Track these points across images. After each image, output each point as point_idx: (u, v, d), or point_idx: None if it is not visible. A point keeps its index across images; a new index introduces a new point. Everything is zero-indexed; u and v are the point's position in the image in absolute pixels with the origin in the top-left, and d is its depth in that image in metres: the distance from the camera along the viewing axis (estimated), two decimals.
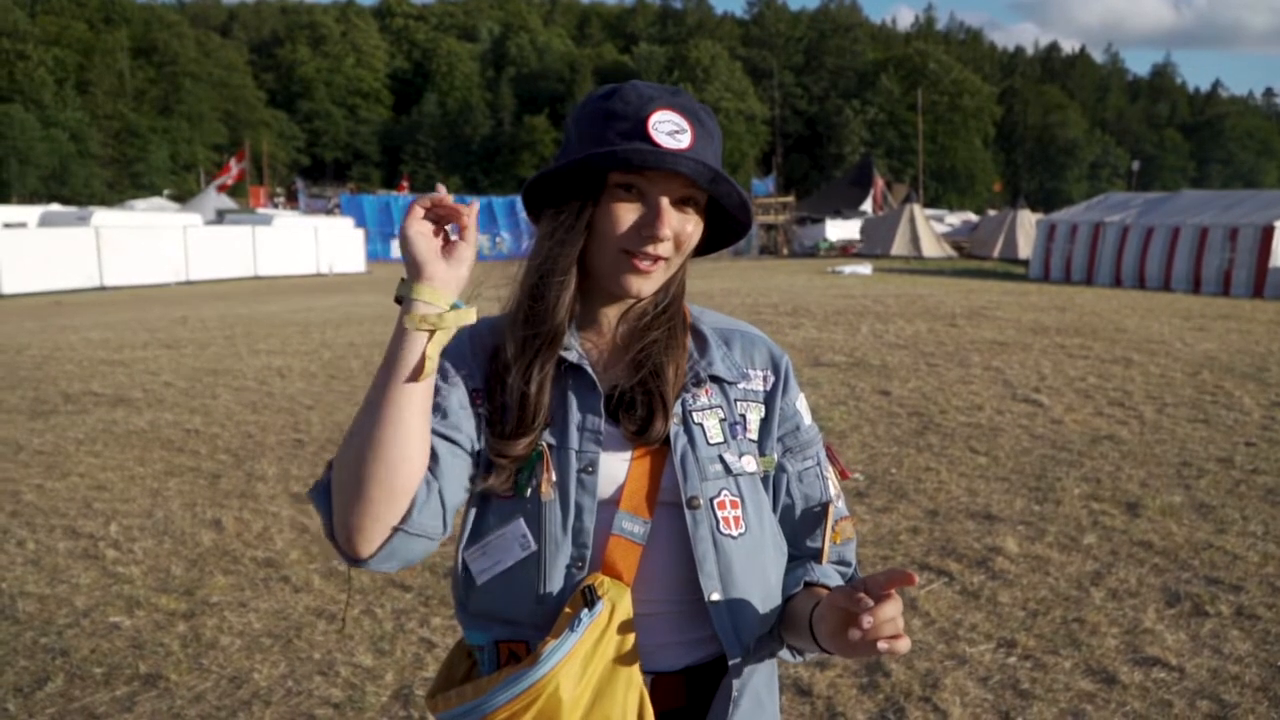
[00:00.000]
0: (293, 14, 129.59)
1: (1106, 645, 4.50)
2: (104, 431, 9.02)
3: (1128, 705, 3.98)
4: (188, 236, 32.79)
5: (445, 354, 1.54)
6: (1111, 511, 6.42)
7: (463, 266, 1.45)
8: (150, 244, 31.30)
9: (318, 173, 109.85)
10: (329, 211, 53.37)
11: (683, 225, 1.54)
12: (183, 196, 67.51)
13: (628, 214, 1.52)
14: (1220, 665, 4.30)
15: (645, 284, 1.56)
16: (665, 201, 1.51)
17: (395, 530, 1.44)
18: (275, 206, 61.17)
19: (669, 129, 1.50)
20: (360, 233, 41.14)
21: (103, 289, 28.92)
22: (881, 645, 1.33)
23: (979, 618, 4.83)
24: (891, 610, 1.34)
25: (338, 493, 1.43)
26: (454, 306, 1.44)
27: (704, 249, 1.67)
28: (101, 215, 33.11)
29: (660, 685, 1.55)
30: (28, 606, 5.08)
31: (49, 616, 4.96)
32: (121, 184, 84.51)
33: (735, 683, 1.54)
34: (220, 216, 41.56)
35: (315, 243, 37.89)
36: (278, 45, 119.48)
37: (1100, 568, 5.47)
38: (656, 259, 1.53)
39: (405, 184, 75.83)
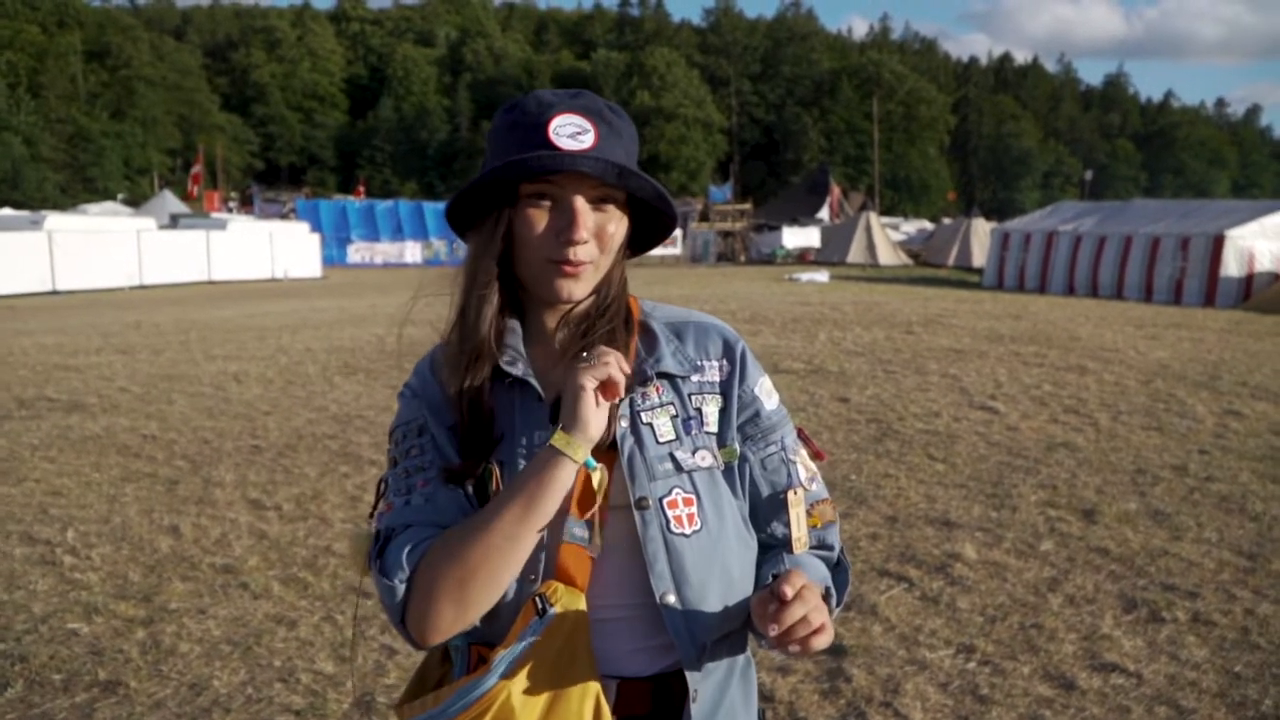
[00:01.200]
0: (247, 17, 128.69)
1: (1064, 651, 4.54)
2: (59, 437, 8.92)
3: (1086, 710, 4.02)
4: (141, 240, 32.45)
5: (424, 406, 1.62)
6: (1068, 518, 6.48)
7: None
8: (103, 248, 30.95)
9: (273, 177, 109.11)
10: (284, 216, 52.99)
11: (602, 224, 1.54)
12: (136, 200, 66.90)
13: (543, 221, 1.52)
14: (1177, 671, 4.35)
15: (575, 287, 1.54)
16: (579, 202, 1.50)
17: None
18: (230, 211, 60.67)
19: (570, 131, 1.50)
20: (316, 238, 40.84)
21: (55, 293, 28.57)
22: (792, 648, 1.36)
23: (938, 623, 4.86)
24: (798, 610, 1.36)
25: (430, 601, 1.46)
26: (590, 466, 1.48)
27: (640, 246, 1.67)
28: (54, 219, 32.67)
29: (625, 691, 1.54)
30: None
31: (6, 622, 4.89)
32: (74, 188, 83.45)
33: (695, 683, 1.53)
34: (174, 221, 41.22)
35: (270, 247, 37.58)
36: (232, 49, 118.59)
37: (1058, 574, 5.52)
38: (580, 262, 1.52)
39: (362, 189, 75.47)
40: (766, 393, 1.70)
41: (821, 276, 32.94)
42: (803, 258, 45.67)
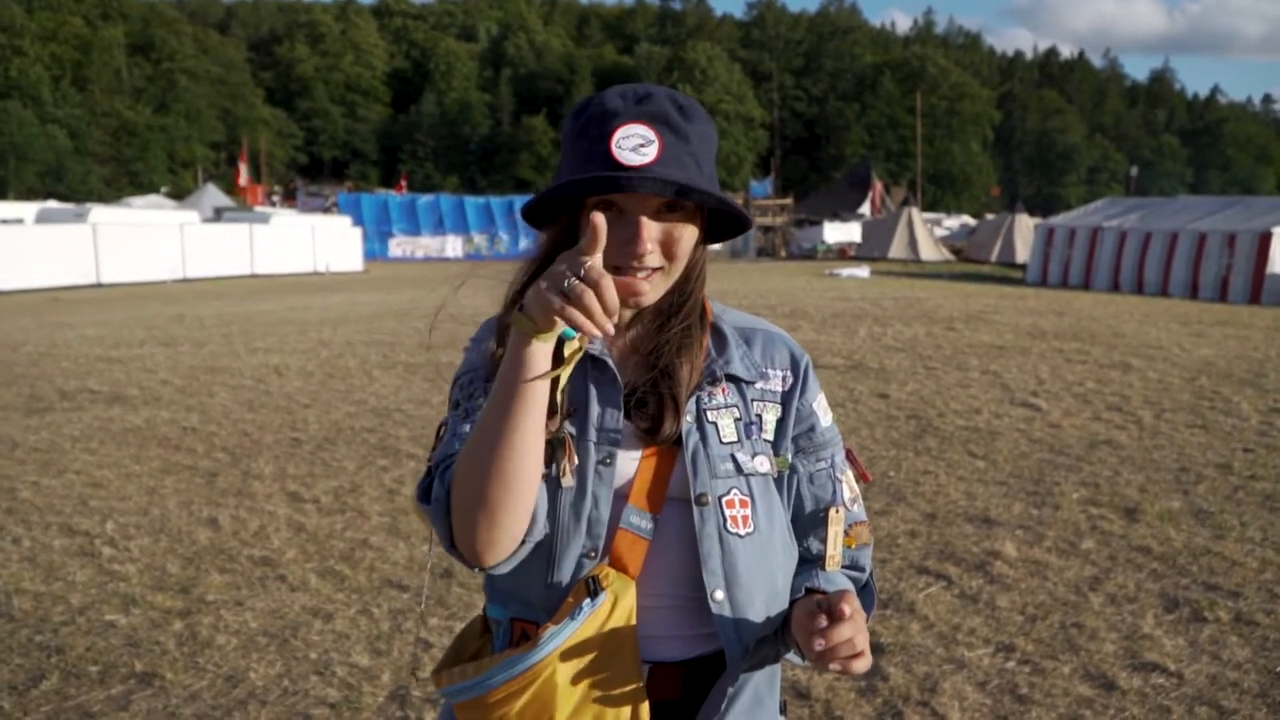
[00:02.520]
0: (291, 12, 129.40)
1: (1105, 650, 4.49)
2: (100, 429, 9.00)
3: (1126, 711, 3.97)
4: (185, 234, 32.76)
5: (471, 365, 1.63)
6: (1110, 516, 6.41)
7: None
8: (147, 241, 31.27)
9: (315, 171, 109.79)
10: (326, 210, 53.34)
11: (669, 233, 1.53)
12: (180, 194, 67.49)
13: (610, 231, 1.47)
14: (1219, 671, 4.29)
15: (643, 294, 1.55)
16: (643, 220, 1.50)
17: (522, 543, 1.47)
18: (273, 204, 61.14)
19: (633, 144, 1.48)
20: (358, 231, 41.12)
21: (99, 286, 28.88)
22: (833, 666, 1.39)
23: (977, 622, 4.82)
24: (847, 631, 1.38)
25: (464, 513, 1.44)
26: (566, 336, 1.41)
27: (718, 236, 1.67)
28: (98, 212, 33.07)
29: (657, 675, 1.56)
30: (23, 604, 5.06)
31: (44, 614, 4.94)
32: (119, 181, 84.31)
33: (731, 685, 1.55)
34: (218, 214, 41.55)
35: (312, 241, 37.87)
36: (276, 43, 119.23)
37: (1099, 573, 5.46)
38: (648, 270, 1.52)
39: (403, 183, 75.86)
40: (823, 409, 1.74)
41: (862, 272, 32.80)
42: (843, 253, 45.49)
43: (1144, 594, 5.17)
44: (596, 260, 1.33)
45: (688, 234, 1.56)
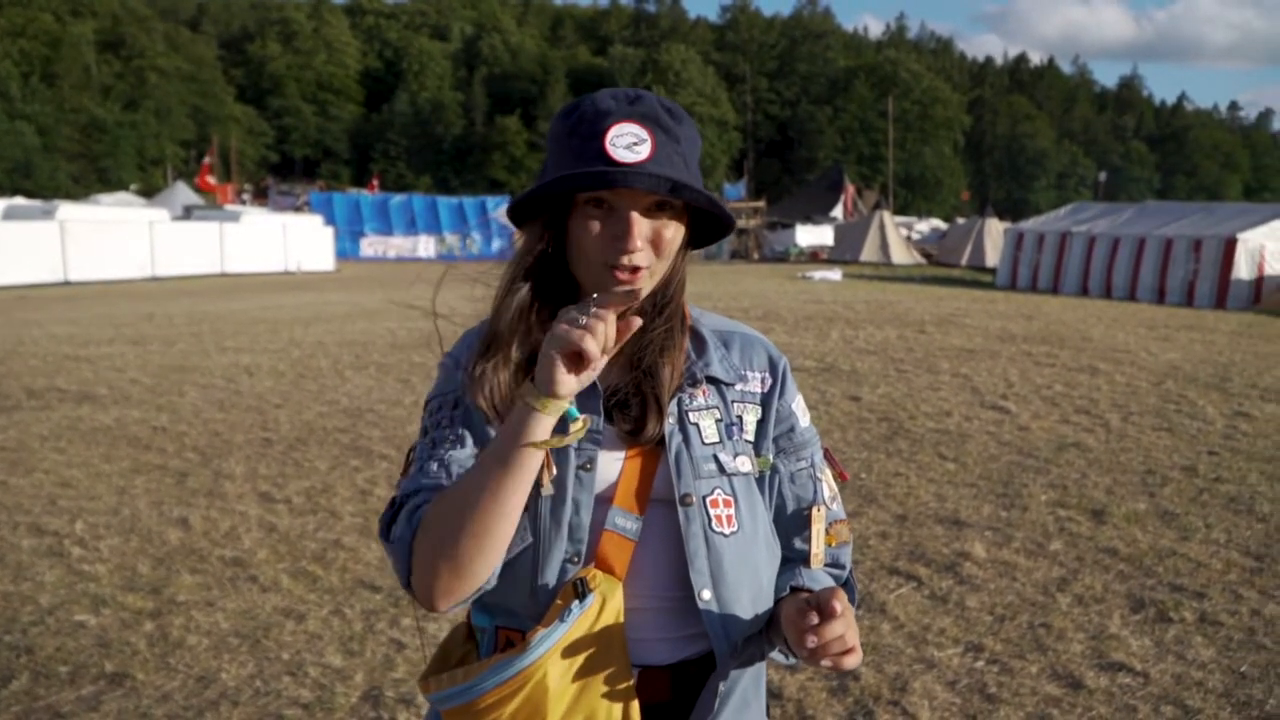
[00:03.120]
0: (263, 9, 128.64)
1: (1072, 650, 4.54)
2: (69, 428, 8.95)
3: (1093, 710, 4.02)
4: (154, 232, 32.55)
5: (441, 390, 1.64)
6: (1077, 518, 6.47)
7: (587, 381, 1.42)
8: (116, 239, 31.05)
9: (287, 170, 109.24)
10: (298, 209, 53.11)
11: (659, 230, 1.54)
12: (150, 192, 67.02)
13: (599, 227, 1.53)
14: (1184, 671, 4.34)
15: (638, 294, 1.54)
16: (635, 215, 1.51)
17: (478, 590, 1.49)
18: (243, 203, 60.80)
19: (627, 142, 1.50)
20: (329, 231, 40.97)
21: (67, 284, 28.67)
22: (825, 663, 1.40)
23: (947, 622, 4.86)
24: (839, 628, 1.39)
25: (430, 559, 1.44)
26: (571, 416, 1.42)
27: (699, 241, 1.68)
28: (67, 209, 32.83)
29: (646, 679, 1.56)
30: None
31: (13, 614, 4.91)
32: (88, 178, 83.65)
33: (722, 682, 1.56)
34: (188, 212, 41.29)
35: (283, 240, 37.71)
36: (248, 40, 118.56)
37: (1066, 574, 5.52)
38: (636, 268, 1.53)
39: (376, 182, 75.55)
40: (801, 410, 1.76)
41: (834, 275, 32.90)
42: (815, 256, 45.61)
43: (1111, 595, 5.22)
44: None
45: (676, 233, 1.57)
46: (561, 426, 1.41)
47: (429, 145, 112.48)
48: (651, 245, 1.54)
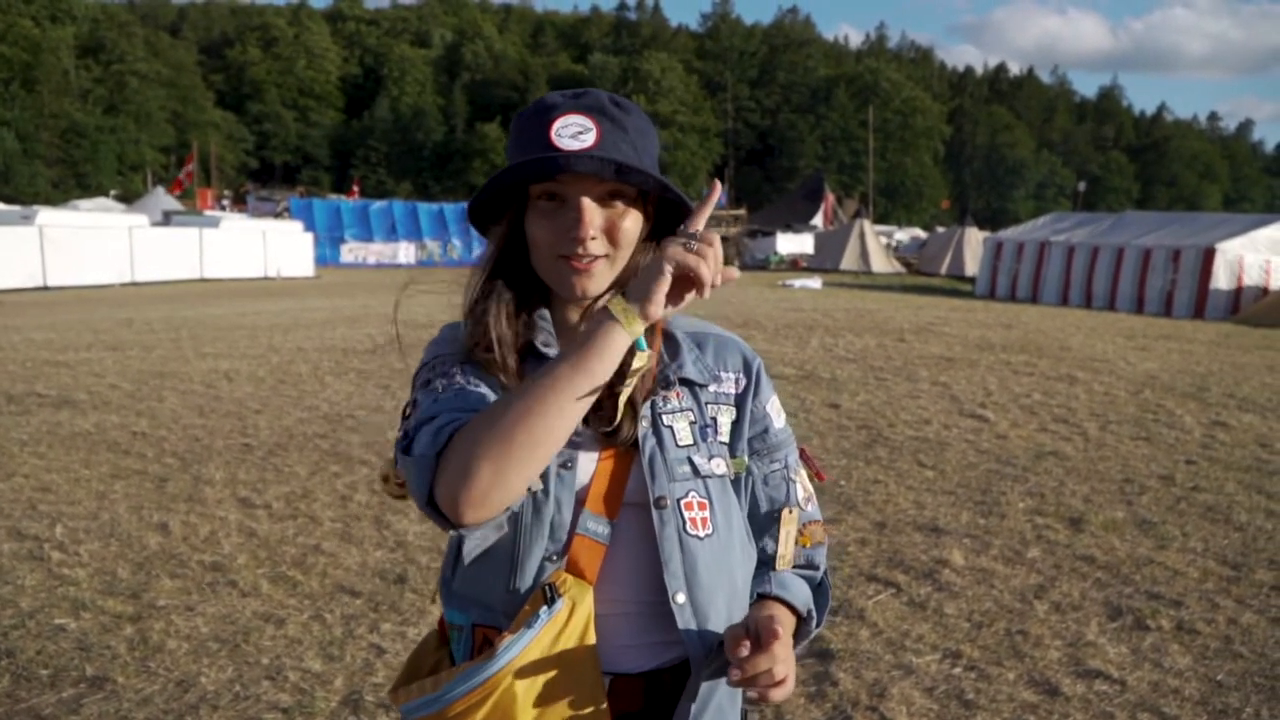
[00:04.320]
0: (243, 14, 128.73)
1: (1049, 657, 4.56)
2: (48, 433, 8.91)
3: (1070, 717, 4.04)
4: (133, 237, 32.38)
5: (438, 352, 1.63)
6: (1055, 526, 6.51)
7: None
8: (95, 244, 30.86)
9: (267, 175, 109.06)
10: (278, 215, 52.91)
11: (613, 220, 1.55)
12: (129, 197, 66.73)
13: (552, 220, 1.54)
14: (1161, 679, 4.37)
15: (589, 283, 1.56)
16: (585, 201, 1.52)
17: (507, 509, 1.45)
18: (223, 209, 60.58)
19: (571, 132, 1.52)
20: (309, 237, 40.81)
21: (46, 289, 28.50)
22: (750, 694, 1.40)
23: (925, 628, 4.88)
24: (764, 662, 1.39)
25: (466, 465, 1.38)
26: (640, 347, 1.43)
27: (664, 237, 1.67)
28: (45, 214, 32.59)
29: (618, 687, 1.55)
30: None
31: None
32: (67, 183, 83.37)
33: (702, 685, 1.55)
34: (167, 218, 41.10)
35: (263, 246, 37.56)
36: (228, 46, 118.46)
37: (1044, 581, 5.55)
38: (592, 257, 1.54)
39: (356, 189, 75.40)
40: (776, 411, 1.76)
41: (814, 283, 32.98)
42: (796, 264, 45.71)
43: (1088, 602, 5.25)
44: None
45: (634, 224, 1.58)
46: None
47: (410, 151, 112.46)
48: (607, 235, 1.55)
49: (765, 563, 1.71)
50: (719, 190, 1.46)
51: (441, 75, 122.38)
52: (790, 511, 1.71)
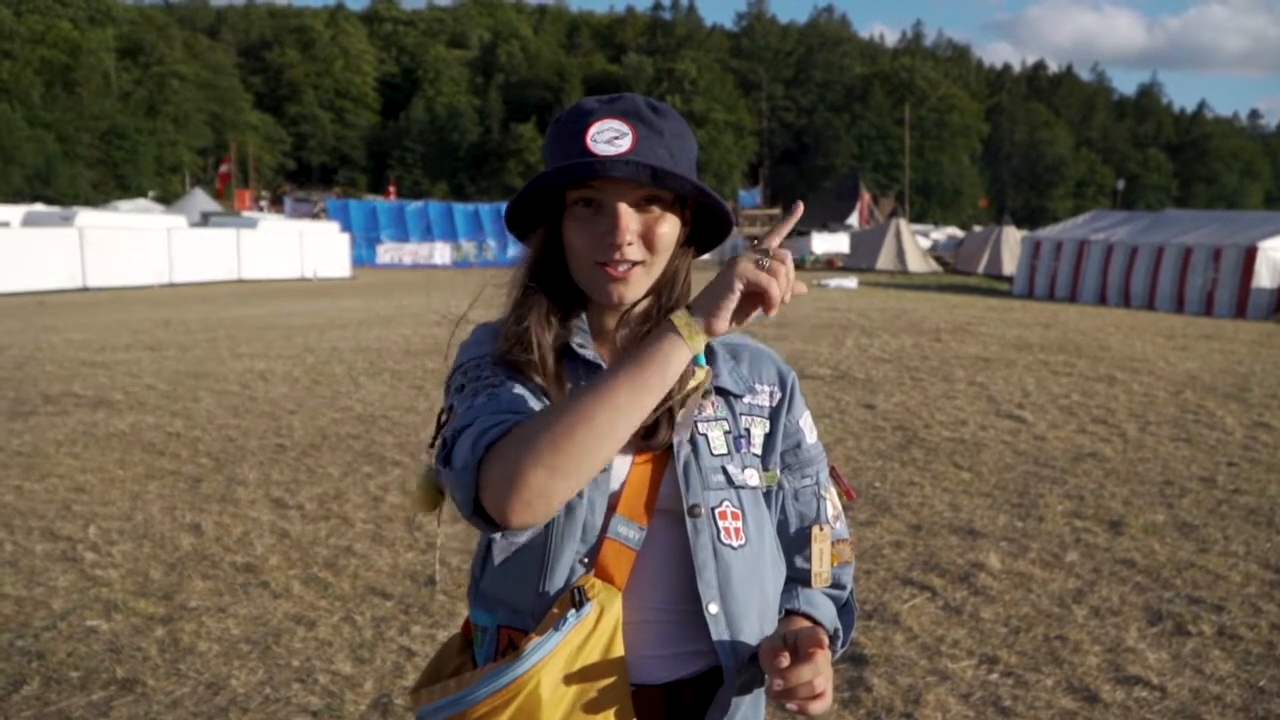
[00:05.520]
0: (281, 17, 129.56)
1: (1088, 663, 4.49)
2: (84, 433, 8.96)
3: None
4: (172, 238, 32.67)
5: (472, 355, 1.61)
6: (1094, 529, 6.42)
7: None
8: (134, 245, 31.14)
9: (304, 176, 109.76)
10: (314, 216, 53.23)
11: (650, 225, 1.53)
12: (168, 198, 67.35)
13: (589, 226, 1.52)
14: (1201, 685, 4.29)
15: (625, 289, 1.54)
16: (622, 207, 1.51)
17: (558, 507, 1.42)
18: (260, 210, 61.02)
19: (607, 137, 1.50)
20: (346, 238, 41.03)
21: (85, 290, 28.78)
22: (790, 706, 1.38)
23: (961, 634, 4.82)
24: (807, 673, 1.37)
25: (515, 469, 1.35)
26: (699, 362, 1.45)
27: (705, 243, 1.66)
28: (85, 216, 32.93)
29: (640, 698, 1.53)
30: (4, 609, 5.03)
31: (25, 619, 4.91)
32: (107, 185, 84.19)
33: (729, 694, 1.53)
34: (205, 219, 41.47)
35: (300, 247, 37.79)
36: (266, 48, 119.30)
37: (1083, 585, 5.47)
38: (629, 264, 1.53)
39: (392, 189, 75.75)
40: (809, 427, 1.74)
41: (850, 282, 32.85)
42: (831, 263, 45.58)
43: (1127, 607, 5.17)
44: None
45: (671, 228, 1.56)
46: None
47: (445, 152, 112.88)
48: (644, 240, 1.53)
49: (793, 579, 1.69)
50: (800, 210, 1.47)
51: (477, 76, 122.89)
52: (821, 529, 1.70)
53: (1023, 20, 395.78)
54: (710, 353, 1.65)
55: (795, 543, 1.69)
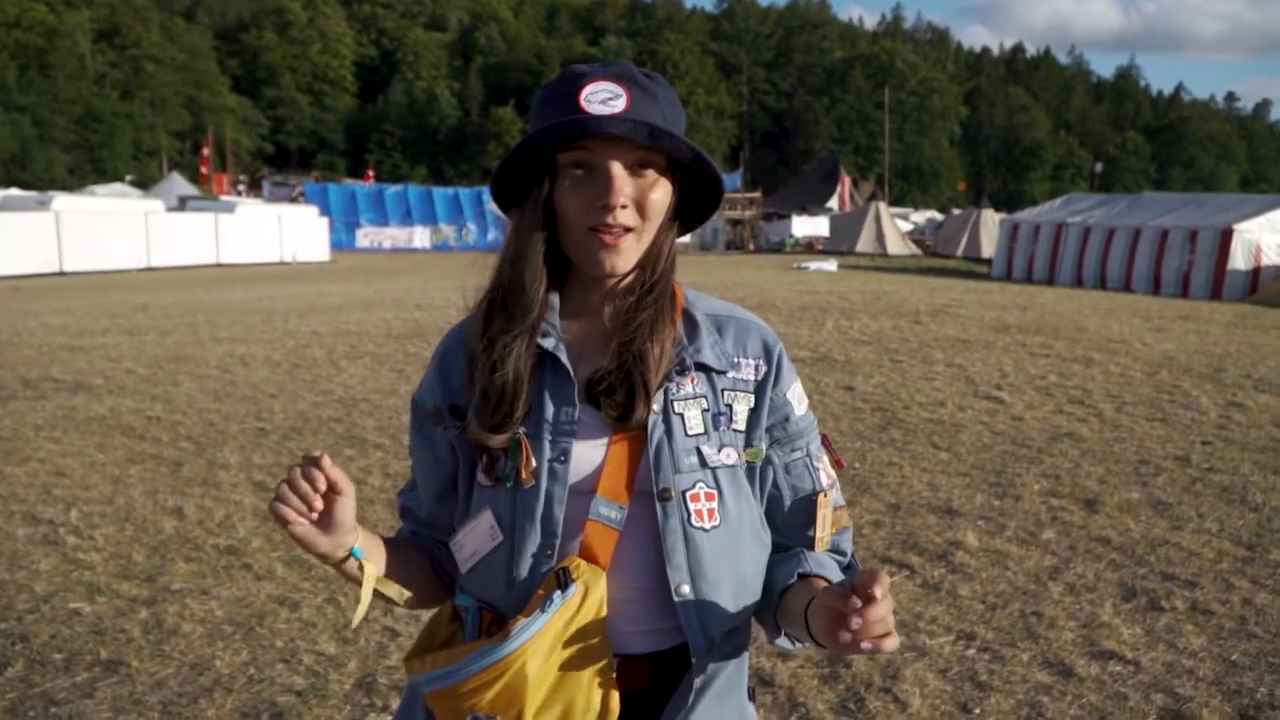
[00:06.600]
0: None
1: (1064, 638, 4.55)
2: (64, 418, 8.95)
3: (1084, 698, 4.03)
4: (149, 222, 32.46)
5: (444, 381, 1.67)
6: (1070, 508, 6.49)
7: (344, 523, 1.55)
8: (111, 229, 30.94)
9: (282, 160, 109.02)
10: (293, 200, 52.96)
11: (643, 190, 1.51)
12: (145, 182, 66.86)
13: (581, 189, 1.50)
14: (1175, 659, 4.36)
15: (617, 258, 1.52)
16: (615, 167, 1.48)
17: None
18: (238, 194, 60.66)
19: (602, 97, 1.48)
20: (324, 222, 40.83)
21: (62, 274, 28.60)
22: (865, 645, 1.32)
23: (939, 610, 4.87)
24: (881, 610, 1.33)
25: None
26: (355, 555, 1.56)
27: (691, 219, 1.66)
28: (61, 200, 32.68)
29: (625, 667, 1.55)
30: None
31: (8, 602, 4.92)
32: (83, 169, 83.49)
33: (698, 678, 1.54)
34: (183, 203, 41.18)
35: (279, 231, 37.60)
36: (243, 30, 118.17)
37: (1058, 562, 5.53)
38: (622, 229, 1.51)
39: (371, 173, 75.40)
40: (798, 398, 1.70)
41: (830, 265, 32.90)
42: (811, 246, 45.62)
43: (1102, 583, 5.24)
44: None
45: (664, 195, 1.54)
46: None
47: (424, 136, 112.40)
48: (637, 206, 1.51)
49: (795, 549, 1.67)
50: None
51: (456, 59, 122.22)
52: (825, 495, 1.67)
53: (1000, 3, 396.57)
54: (693, 326, 1.63)
55: (796, 514, 1.67)
